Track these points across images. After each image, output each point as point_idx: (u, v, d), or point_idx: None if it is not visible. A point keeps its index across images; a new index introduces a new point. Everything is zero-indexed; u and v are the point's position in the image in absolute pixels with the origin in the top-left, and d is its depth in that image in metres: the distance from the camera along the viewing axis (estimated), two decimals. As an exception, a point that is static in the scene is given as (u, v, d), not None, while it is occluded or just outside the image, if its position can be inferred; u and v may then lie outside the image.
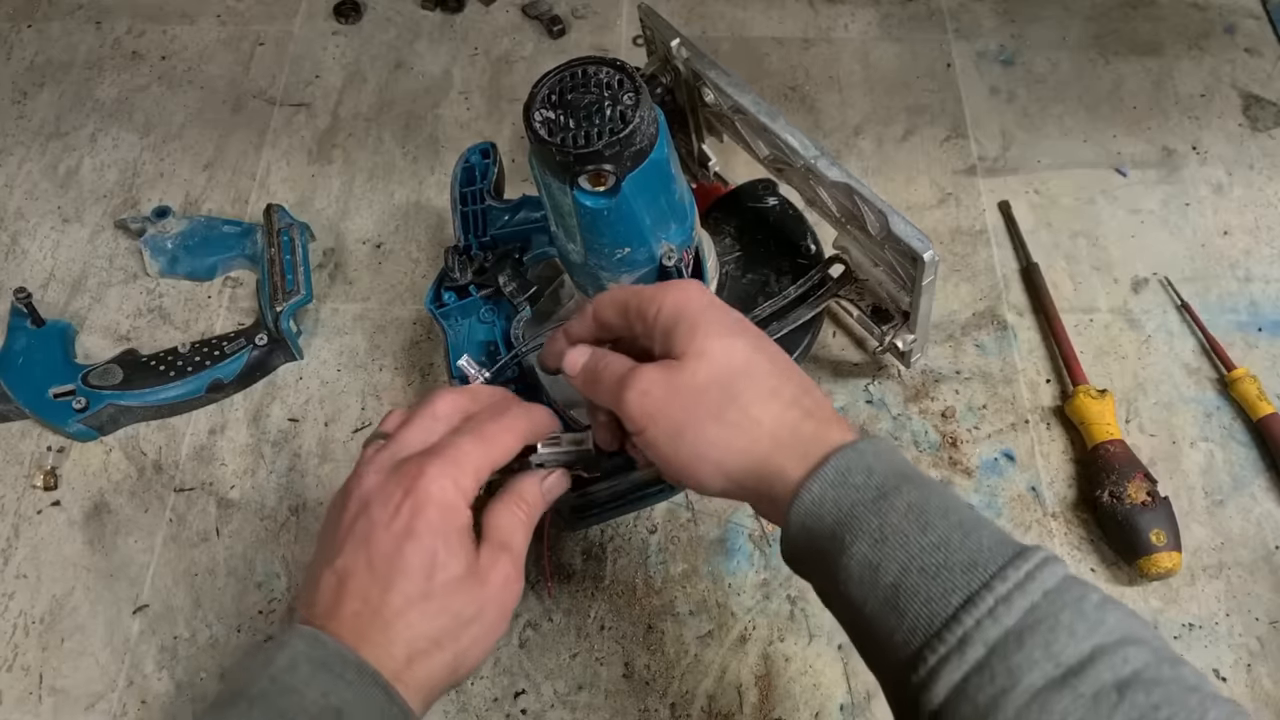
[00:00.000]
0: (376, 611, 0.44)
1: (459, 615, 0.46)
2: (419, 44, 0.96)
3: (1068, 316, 0.76)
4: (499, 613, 0.48)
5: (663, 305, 0.48)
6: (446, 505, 0.46)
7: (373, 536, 0.46)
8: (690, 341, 0.47)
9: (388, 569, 0.45)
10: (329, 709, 0.41)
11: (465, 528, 0.47)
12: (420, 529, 0.45)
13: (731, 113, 0.67)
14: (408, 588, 0.45)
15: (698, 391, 0.46)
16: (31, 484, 0.71)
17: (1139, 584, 0.66)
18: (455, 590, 0.46)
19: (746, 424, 0.46)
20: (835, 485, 0.43)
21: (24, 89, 0.94)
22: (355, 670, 0.43)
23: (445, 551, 0.46)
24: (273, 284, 0.76)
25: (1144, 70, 0.92)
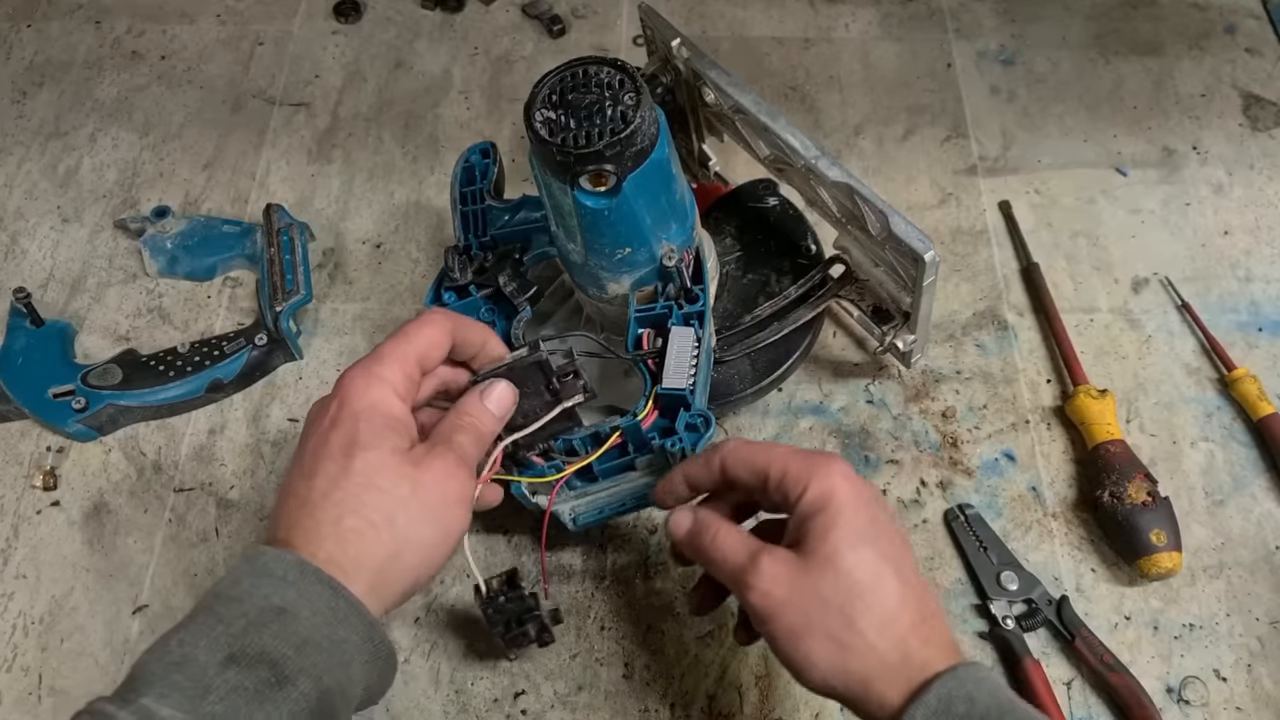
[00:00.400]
0: (304, 499, 0.46)
1: (387, 492, 0.46)
2: (419, 44, 0.96)
3: (1068, 316, 0.76)
4: (442, 499, 0.48)
5: (808, 489, 0.48)
6: (370, 395, 0.48)
7: (306, 442, 0.48)
8: (823, 542, 0.47)
9: (313, 459, 0.47)
10: (270, 608, 0.42)
11: (393, 416, 0.48)
12: (343, 417, 0.47)
13: (732, 113, 0.67)
14: (330, 468, 0.46)
15: (822, 601, 0.46)
16: (31, 484, 0.71)
17: (1139, 584, 0.65)
18: (378, 468, 0.46)
19: (861, 648, 0.46)
20: (940, 714, 0.43)
21: (24, 89, 0.94)
22: (296, 569, 0.43)
23: (368, 431, 0.47)
24: (272, 284, 0.76)
25: (1144, 70, 0.92)
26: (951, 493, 0.69)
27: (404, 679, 0.63)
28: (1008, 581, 0.65)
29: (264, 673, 0.40)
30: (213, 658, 0.40)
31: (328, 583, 0.43)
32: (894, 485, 0.70)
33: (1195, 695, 0.62)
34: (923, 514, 0.69)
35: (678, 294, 0.62)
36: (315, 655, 0.42)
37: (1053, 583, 0.66)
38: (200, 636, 0.41)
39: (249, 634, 0.41)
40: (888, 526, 0.49)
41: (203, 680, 0.40)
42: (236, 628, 0.41)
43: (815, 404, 0.73)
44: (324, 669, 0.42)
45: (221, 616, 0.42)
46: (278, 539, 0.46)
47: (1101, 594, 0.65)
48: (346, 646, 0.43)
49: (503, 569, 0.58)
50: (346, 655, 0.43)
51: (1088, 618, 0.64)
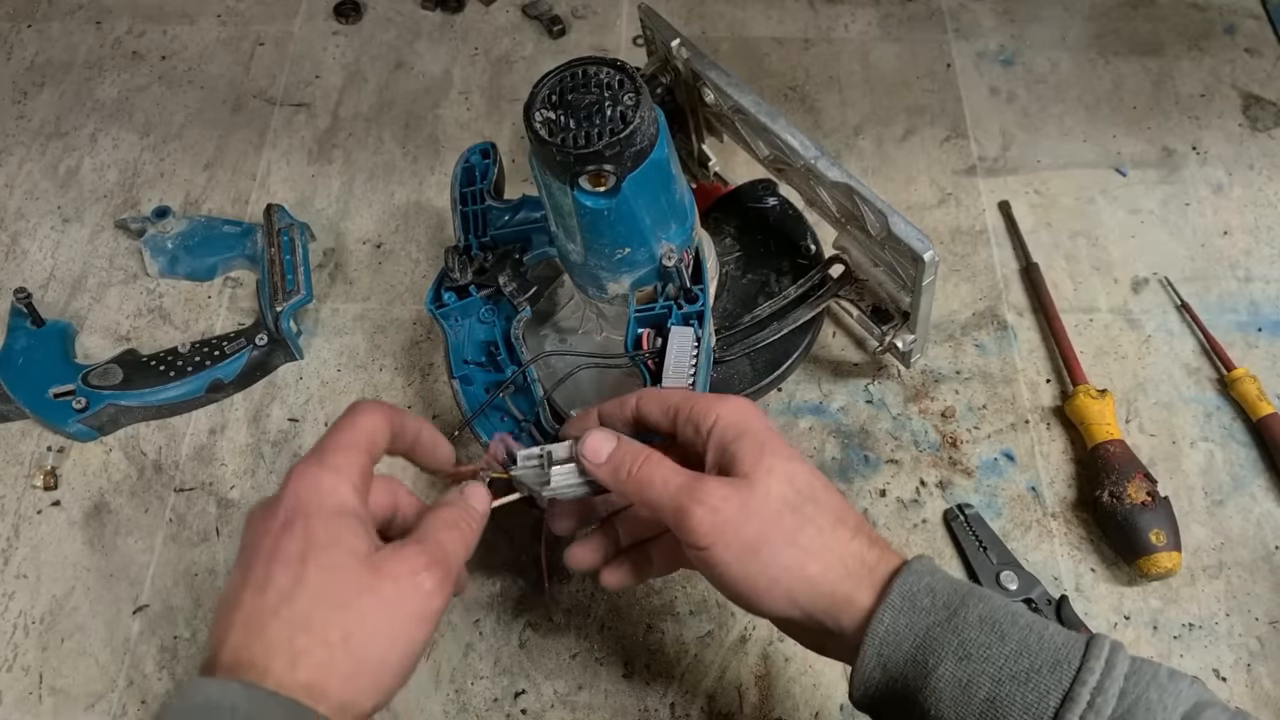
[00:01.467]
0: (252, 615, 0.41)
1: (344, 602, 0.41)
2: (419, 44, 0.96)
3: (1068, 316, 0.76)
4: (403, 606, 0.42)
5: (720, 417, 0.48)
6: (322, 489, 0.43)
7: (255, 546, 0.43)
8: (759, 460, 0.46)
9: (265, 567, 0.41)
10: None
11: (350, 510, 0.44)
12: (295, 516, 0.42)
13: (731, 113, 0.67)
14: (281, 579, 0.41)
15: (772, 513, 0.46)
16: (31, 484, 0.71)
17: (1139, 584, 0.66)
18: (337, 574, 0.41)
19: (819, 549, 0.45)
20: (906, 611, 0.44)
21: (24, 89, 0.94)
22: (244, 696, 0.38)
23: (324, 531, 0.42)
24: (273, 284, 0.76)
25: (1144, 70, 0.92)
26: (951, 492, 0.69)
27: (404, 679, 0.63)
28: (1007, 581, 0.65)
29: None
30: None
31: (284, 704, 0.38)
32: (894, 485, 0.70)
33: (1195, 695, 0.62)
34: (922, 514, 0.69)
35: (677, 294, 0.62)
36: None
37: (1052, 582, 0.66)
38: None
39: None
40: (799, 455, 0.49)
41: None
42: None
43: (815, 404, 0.73)
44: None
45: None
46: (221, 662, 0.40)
47: (1101, 594, 0.65)
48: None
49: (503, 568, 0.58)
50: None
51: (1087, 617, 0.64)
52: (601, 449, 0.50)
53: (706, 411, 0.49)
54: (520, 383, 0.63)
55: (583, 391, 0.69)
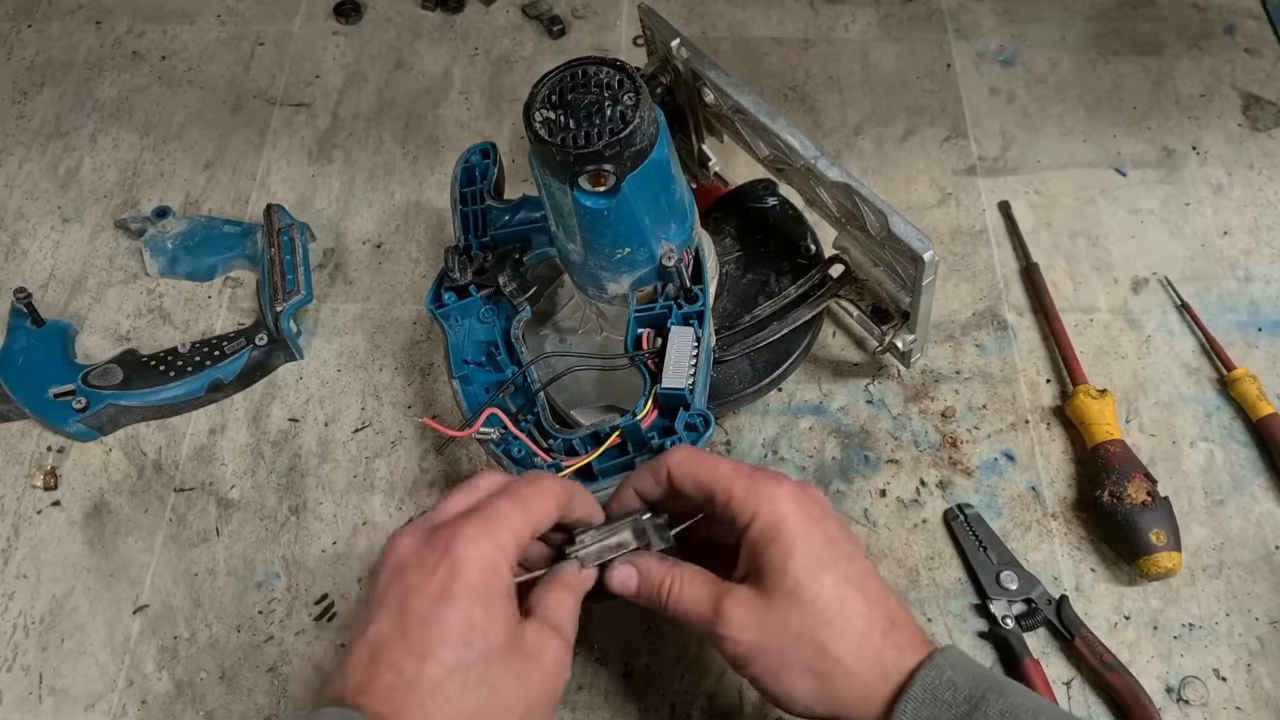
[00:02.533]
0: (412, 684, 0.41)
1: (499, 690, 0.43)
2: (419, 44, 0.96)
3: (1068, 316, 0.76)
4: (545, 696, 0.45)
5: (757, 518, 0.48)
6: (485, 567, 0.44)
7: (408, 602, 0.43)
8: (783, 576, 0.47)
9: (424, 636, 0.42)
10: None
11: (506, 592, 0.45)
12: (458, 592, 0.43)
13: (731, 113, 0.67)
14: (445, 656, 0.42)
15: (793, 638, 0.47)
16: (31, 484, 0.71)
17: (1139, 584, 0.66)
18: (496, 660, 0.43)
19: (839, 674, 0.47)
20: (928, 703, 0.44)
21: (24, 89, 0.94)
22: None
23: (485, 617, 0.43)
24: (273, 284, 0.76)
25: (1144, 70, 0.92)
26: (951, 492, 0.69)
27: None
28: (1007, 581, 0.65)
29: None
30: None
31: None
32: (894, 485, 0.70)
33: (1195, 695, 0.62)
34: (922, 514, 0.69)
35: (677, 294, 0.62)
36: None
37: (1052, 582, 0.66)
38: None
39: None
40: (844, 543, 0.49)
41: None
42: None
43: (815, 404, 0.73)
44: None
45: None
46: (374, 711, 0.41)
47: (1101, 593, 0.65)
48: None
49: None
50: None
51: (1087, 617, 0.64)
52: (630, 583, 0.51)
53: (744, 509, 0.49)
54: (520, 383, 0.63)
55: (583, 391, 0.69)
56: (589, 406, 0.69)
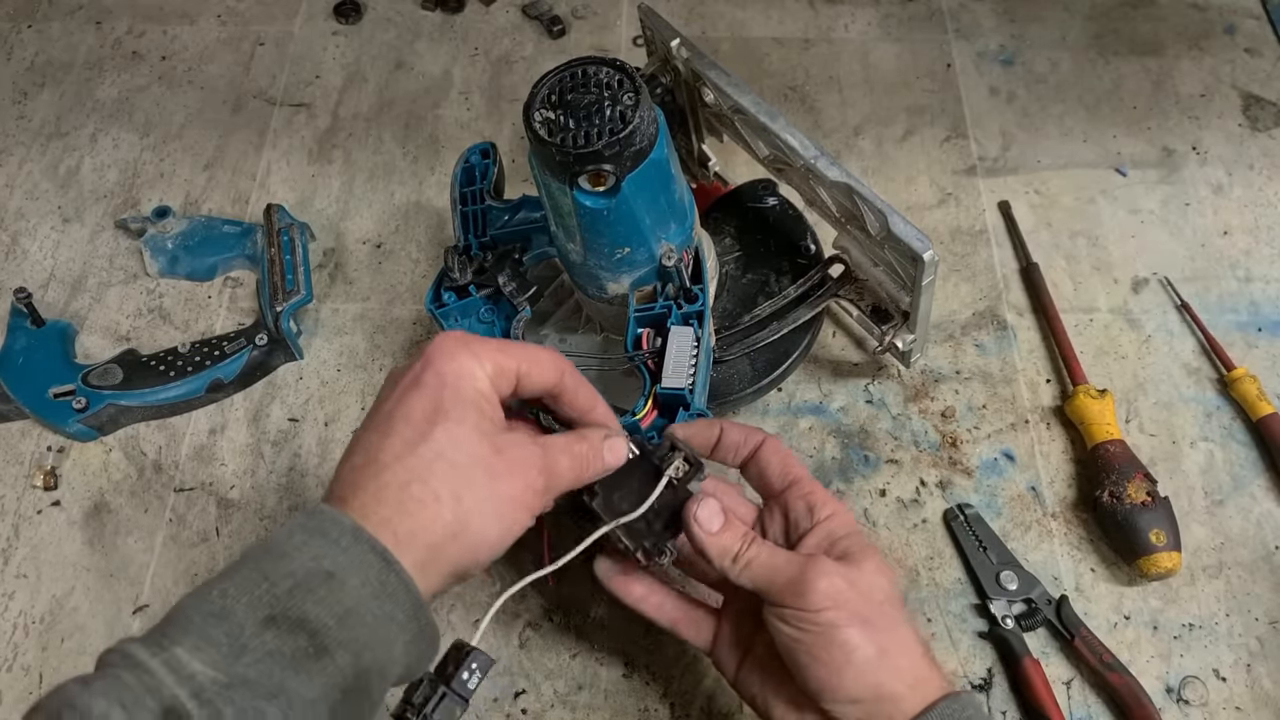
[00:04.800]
0: (373, 458, 0.43)
1: (459, 466, 0.43)
2: (419, 44, 0.96)
3: (1068, 316, 0.76)
4: (513, 491, 0.45)
5: (837, 514, 0.53)
6: (459, 363, 0.46)
7: (387, 398, 0.46)
8: (866, 558, 0.50)
9: (389, 418, 0.44)
10: (319, 572, 0.40)
11: (479, 391, 0.46)
12: (427, 379, 0.45)
13: (731, 113, 0.67)
14: (406, 431, 0.44)
15: (876, 602, 0.49)
16: (31, 484, 0.71)
17: (1139, 584, 0.66)
18: (458, 441, 0.44)
19: (910, 646, 0.49)
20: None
21: (24, 89, 0.94)
22: (351, 535, 0.41)
23: (451, 400, 0.44)
24: (273, 284, 0.76)
25: (1144, 70, 0.92)
26: (951, 492, 0.69)
27: (404, 678, 0.63)
28: (1007, 581, 0.65)
29: (302, 640, 0.39)
30: (252, 616, 0.38)
31: (381, 553, 0.41)
32: (894, 485, 0.70)
33: (1195, 695, 0.62)
34: (922, 514, 0.69)
35: (677, 294, 0.62)
36: (357, 629, 0.40)
37: (1052, 582, 0.66)
38: (243, 591, 0.39)
39: (293, 596, 0.39)
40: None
41: (239, 639, 0.38)
42: (281, 588, 0.39)
43: (815, 404, 0.73)
44: (364, 644, 0.40)
45: (267, 573, 0.40)
46: (335, 496, 0.43)
47: (1101, 594, 0.65)
48: (391, 624, 0.41)
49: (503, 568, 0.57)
50: (390, 633, 0.41)
51: (1087, 617, 0.64)
52: (715, 519, 0.52)
53: (826, 502, 0.53)
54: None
55: (583, 391, 0.69)
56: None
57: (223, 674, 0.37)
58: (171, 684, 0.36)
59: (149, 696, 0.36)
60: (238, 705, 0.36)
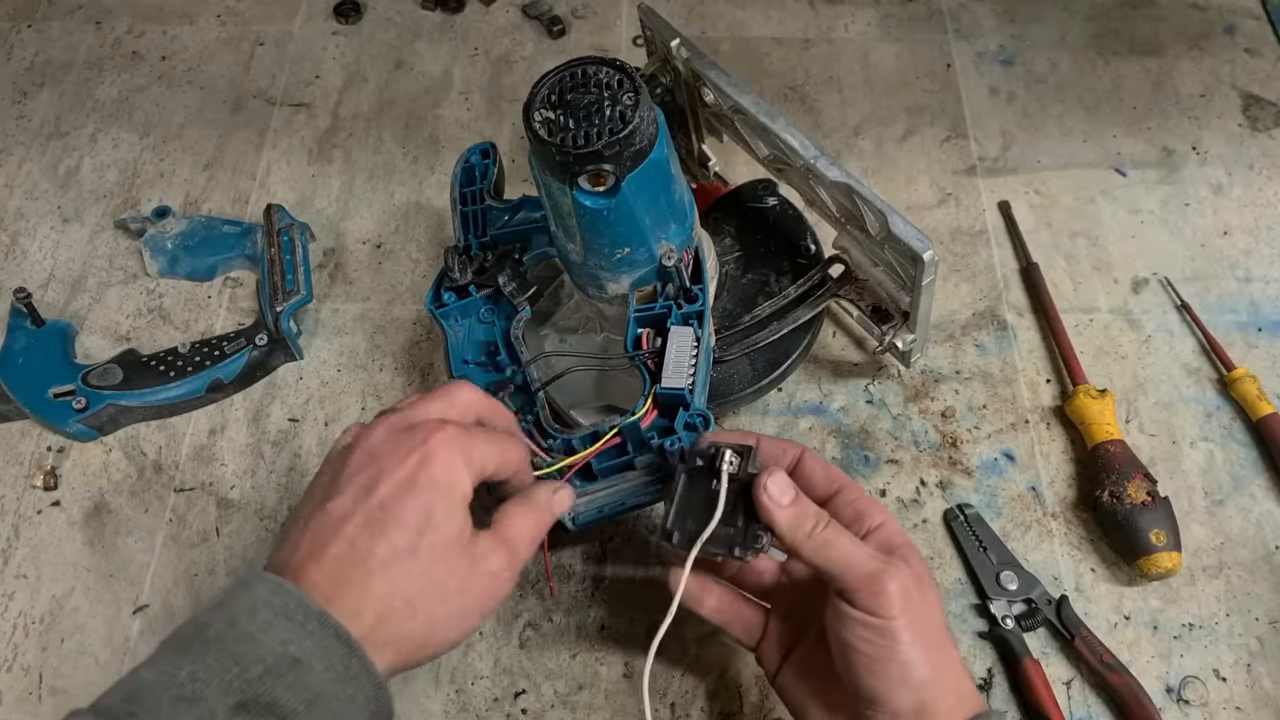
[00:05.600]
0: (361, 559, 0.44)
1: (440, 584, 0.45)
2: (419, 44, 0.96)
3: (1068, 316, 0.76)
4: (481, 600, 0.47)
5: (887, 523, 0.52)
6: (454, 469, 0.46)
7: (377, 484, 0.45)
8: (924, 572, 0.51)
9: (383, 517, 0.44)
10: (286, 658, 0.40)
11: (465, 499, 0.47)
12: (423, 483, 0.45)
13: (731, 113, 0.67)
14: (397, 539, 0.44)
15: (937, 617, 0.50)
16: (31, 484, 0.71)
17: (1139, 584, 0.66)
18: (442, 556, 0.45)
19: (956, 664, 0.50)
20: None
21: (24, 89, 0.94)
22: (318, 621, 0.42)
23: (443, 513, 0.45)
24: (273, 284, 0.76)
25: (1144, 70, 0.92)
26: (951, 492, 0.69)
27: (404, 679, 0.63)
28: (1007, 581, 0.65)
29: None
30: (223, 701, 0.39)
31: (344, 639, 0.42)
32: (894, 485, 0.70)
33: (1195, 695, 0.62)
34: (922, 514, 0.69)
35: (677, 293, 0.62)
36: (323, 712, 0.41)
37: (1052, 582, 0.66)
38: (213, 675, 0.40)
39: (264, 682, 0.40)
40: None
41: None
42: (252, 674, 0.40)
43: (815, 404, 0.73)
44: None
45: (237, 657, 0.40)
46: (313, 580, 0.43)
47: (1101, 594, 0.65)
48: (352, 705, 0.42)
49: None
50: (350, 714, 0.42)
51: (1087, 617, 0.64)
52: (787, 491, 0.51)
53: (875, 510, 0.53)
54: (520, 383, 0.63)
55: (583, 391, 0.69)
56: (589, 406, 0.69)
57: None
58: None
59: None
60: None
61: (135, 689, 0.40)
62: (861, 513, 0.52)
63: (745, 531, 0.51)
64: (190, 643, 0.41)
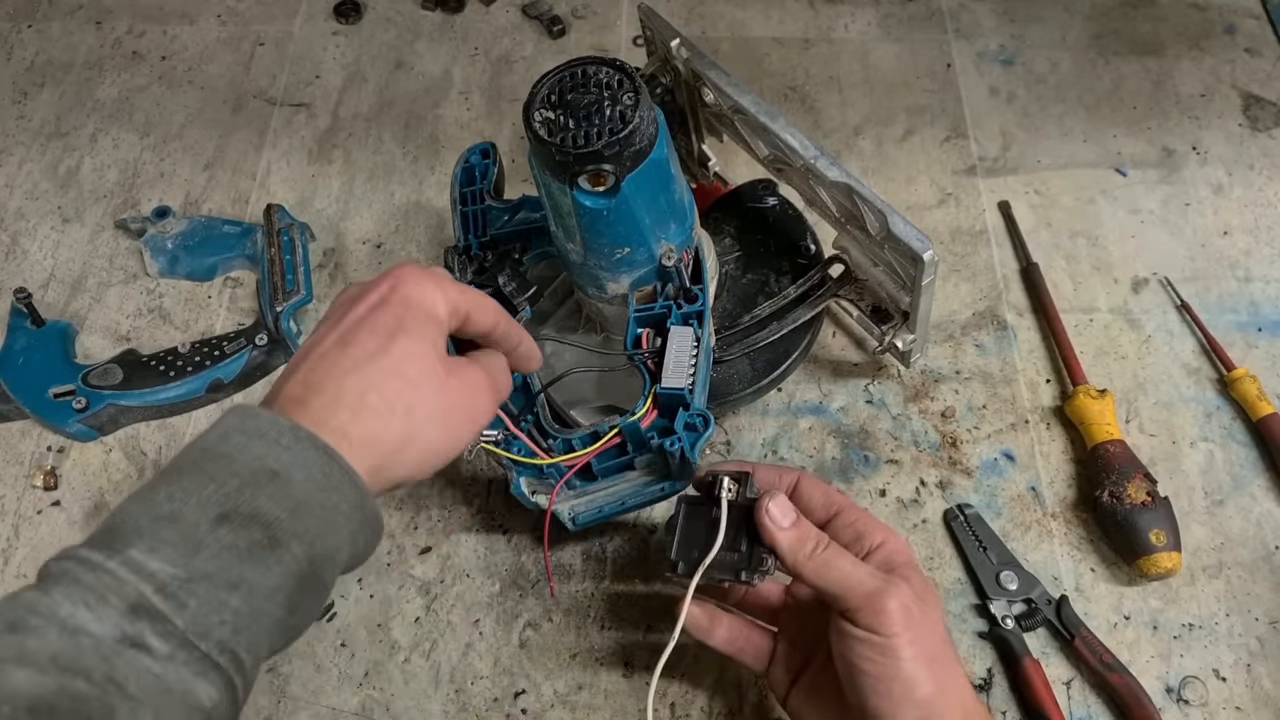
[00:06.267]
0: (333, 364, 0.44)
1: (414, 384, 0.45)
2: (419, 44, 0.96)
3: (1068, 316, 0.76)
4: (462, 408, 0.47)
5: (888, 542, 0.53)
6: (425, 291, 0.47)
7: (348, 313, 0.46)
8: (926, 592, 0.50)
9: (352, 330, 0.45)
10: (264, 470, 0.40)
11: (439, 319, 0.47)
12: (393, 300, 0.46)
13: (731, 113, 0.67)
14: (368, 343, 0.45)
15: (940, 636, 0.50)
16: (31, 484, 0.71)
17: (1139, 584, 0.66)
18: (415, 358, 0.45)
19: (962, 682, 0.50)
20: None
21: (24, 89, 0.94)
22: (291, 435, 0.41)
23: (413, 322, 0.46)
24: (273, 284, 0.76)
25: (1144, 70, 0.92)
26: (951, 492, 0.69)
27: (404, 679, 0.63)
28: (1007, 581, 0.65)
29: (256, 534, 0.39)
30: (204, 515, 0.39)
31: (322, 449, 0.42)
32: (893, 485, 0.70)
33: (1195, 695, 0.62)
34: (922, 514, 0.69)
35: (677, 293, 0.62)
36: (307, 520, 0.41)
37: (1052, 582, 0.66)
38: (190, 493, 0.39)
39: (242, 494, 0.40)
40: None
41: (194, 537, 0.38)
42: (229, 487, 0.40)
43: (815, 404, 0.73)
44: (315, 534, 0.41)
45: (212, 475, 0.40)
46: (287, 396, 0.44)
47: (1101, 594, 0.65)
48: (337, 514, 0.42)
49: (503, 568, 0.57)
50: (337, 522, 0.42)
51: (1087, 617, 0.64)
52: (788, 514, 0.52)
53: (875, 529, 0.53)
54: (520, 383, 0.63)
55: (583, 391, 0.69)
56: (589, 406, 0.69)
57: (181, 570, 0.37)
58: (135, 581, 0.36)
59: (112, 595, 0.36)
60: (200, 597, 0.37)
61: (115, 519, 0.39)
62: (861, 533, 0.53)
63: (750, 556, 0.52)
64: (166, 473, 0.41)
